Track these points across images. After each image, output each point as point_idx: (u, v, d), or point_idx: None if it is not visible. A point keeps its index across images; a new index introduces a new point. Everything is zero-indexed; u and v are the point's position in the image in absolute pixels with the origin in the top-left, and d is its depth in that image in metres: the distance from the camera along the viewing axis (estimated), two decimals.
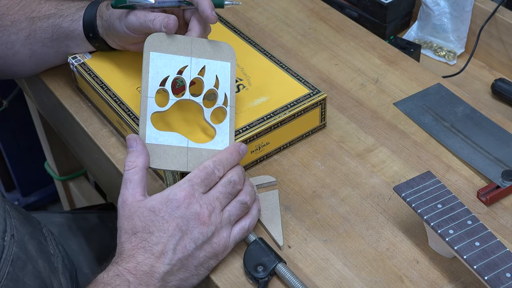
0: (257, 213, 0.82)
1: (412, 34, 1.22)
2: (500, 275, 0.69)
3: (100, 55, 1.00)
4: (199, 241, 0.76)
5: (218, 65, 0.87)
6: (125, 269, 0.74)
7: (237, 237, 0.80)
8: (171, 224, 0.75)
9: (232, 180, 0.79)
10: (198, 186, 0.77)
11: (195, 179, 0.78)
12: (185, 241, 0.75)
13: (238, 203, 0.80)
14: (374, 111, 0.98)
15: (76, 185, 1.62)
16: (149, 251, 0.75)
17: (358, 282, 0.77)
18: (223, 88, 0.86)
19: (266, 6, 1.19)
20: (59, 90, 1.04)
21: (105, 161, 0.96)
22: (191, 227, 0.76)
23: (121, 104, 0.92)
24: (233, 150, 0.82)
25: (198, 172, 0.78)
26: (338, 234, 0.83)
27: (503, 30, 1.12)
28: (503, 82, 1.10)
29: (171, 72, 0.85)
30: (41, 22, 0.98)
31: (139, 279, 0.74)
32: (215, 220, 0.77)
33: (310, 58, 1.08)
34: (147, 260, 0.74)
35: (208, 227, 0.76)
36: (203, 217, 0.76)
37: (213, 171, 0.79)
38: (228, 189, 0.79)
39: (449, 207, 0.76)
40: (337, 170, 0.90)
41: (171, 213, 0.75)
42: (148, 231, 0.75)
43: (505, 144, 0.91)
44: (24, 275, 0.94)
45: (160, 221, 0.75)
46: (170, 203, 0.76)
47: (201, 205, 0.77)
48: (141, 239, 0.75)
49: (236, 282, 0.78)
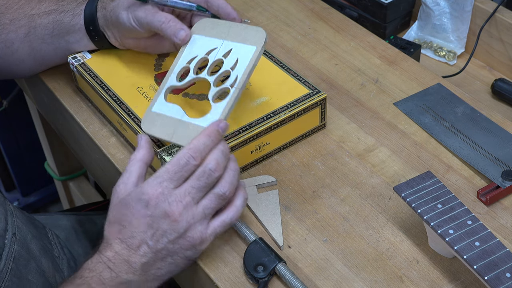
0: (241, 203, 0.79)
1: (412, 34, 1.22)
2: (500, 275, 0.69)
3: (100, 55, 1.00)
4: (172, 237, 0.76)
5: (243, 48, 0.86)
6: (105, 257, 0.76)
7: (217, 230, 0.78)
8: (142, 222, 0.76)
9: (207, 170, 0.76)
10: (167, 182, 0.76)
11: (165, 175, 0.76)
12: (157, 237, 0.76)
13: (214, 195, 0.77)
14: (374, 111, 0.98)
15: (76, 185, 1.62)
16: (124, 242, 0.76)
17: (358, 282, 0.77)
18: (238, 70, 0.85)
19: (266, 6, 1.19)
20: (59, 90, 1.04)
21: (105, 161, 0.96)
22: (162, 224, 0.76)
23: (121, 104, 0.92)
24: (211, 131, 0.78)
25: (170, 167, 0.77)
26: (338, 234, 0.83)
27: (503, 30, 1.12)
28: (503, 82, 1.10)
29: (200, 53, 0.88)
30: (41, 18, 0.98)
31: (119, 267, 0.76)
32: (186, 216, 0.76)
33: (310, 58, 1.08)
34: (123, 251, 0.76)
35: (179, 223, 0.76)
36: (173, 215, 0.75)
37: (187, 162, 0.76)
38: (201, 182, 0.76)
39: (449, 207, 0.76)
40: (337, 170, 0.90)
41: (140, 211, 0.76)
42: (121, 224, 0.77)
43: (505, 144, 0.91)
44: (27, 273, 0.95)
45: (131, 217, 0.76)
46: (139, 201, 0.76)
47: (170, 203, 0.75)
48: (116, 230, 0.77)
49: (236, 282, 0.78)
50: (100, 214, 1.27)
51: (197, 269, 0.81)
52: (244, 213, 0.85)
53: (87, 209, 1.38)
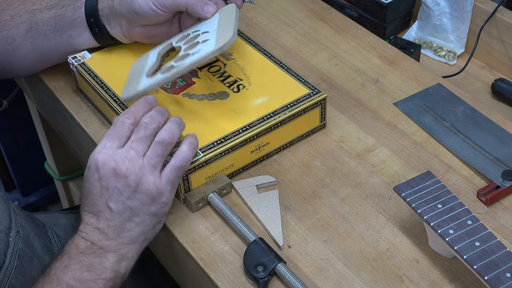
0: (188, 147, 0.81)
1: (412, 34, 1.22)
2: (500, 275, 0.69)
3: (100, 55, 1.00)
4: (127, 193, 0.78)
5: (208, 43, 0.87)
6: (79, 230, 0.80)
7: (170, 176, 0.80)
8: (96, 186, 0.79)
9: (142, 123, 0.81)
10: (110, 142, 0.80)
11: (105, 138, 0.80)
12: (114, 197, 0.78)
13: (155, 144, 0.80)
14: (374, 111, 0.98)
15: (76, 185, 1.62)
16: (90, 212, 0.80)
17: (358, 282, 0.77)
18: (191, 57, 0.87)
19: (266, 6, 1.19)
20: (59, 90, 1.04)
21: None
22: (114, 183, 0.78)
23: (121, 104, 0.92)
24: (141, 101, 0.84)
25: (108, 131, 0.81)
26: (338, 234, 0.83)
27: (503, 30, 1.12)
28: (503, 82, 1.10)
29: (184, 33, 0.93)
30: (43, 14, 0.97)
31: (92, 236, 0.79)
32: (134, 169, 0.78)
33: (310, 58, 1.08)
34: (91, 220, 0.79)
35: (129, 177, 0.78)
36: (120, 171, 0.78)
37: (122, 122, 0.81)
38: (139, 135, 0.80)
39: (449, 207, 0.76)
40: (337, 170, 0.90)
41: (93, 177, 0.79)
42: (84, 196, 0.81)
43: (505, 144, 0.91)
44: (31, 269, 0.95)
45: (89, 186, 0.80)
46: (90, 168, 0.80)
47: (116, 161, 0.78)
48: (83, 205, 0.81)
49: (236, 282, 0.78)
50: None
51: (197, 269, 0.81)
52: (244, 213, 0.85)
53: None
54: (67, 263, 0.77)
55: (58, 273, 0.77)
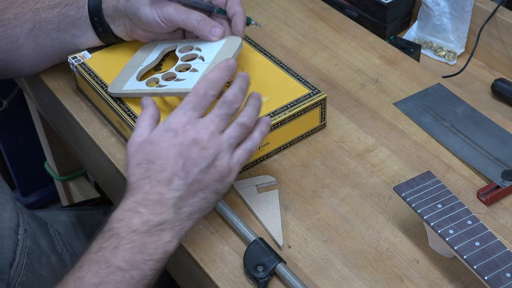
0: (259, 136, 0.80)
1: (412, 34, 1.22)
2: (500, 275, 0.69)
3: (100, 55, 1.00)
4: (202, 165, 0.75)
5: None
6: (134, 202, 0.74)
7: (241, 158, 0.78)
8: (171, 152, 0.75)
9: (226, 101, 0.78)
10: (191, 112, 0.77)
11: (187, 105, 0.77)
12: (188, 167, 0.75)
13: (236, 125, 0.78)
14: (374, 111, 0.98)
15: (76, 185, 1.62)
16: (154, 180, 0.75)
17: (358, 282, 0.77)
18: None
19: (266, 6, 1.19)
20: (59, 90, 1.04)
21: (105, 161, 0.96)
22: (192, 152, 0.75)
23: (121, 104, 0.92)
24: (223, 66, 0.80)
25: (190, 98, 0.78)
26: (338, 234, 0.83)
27: (503, 30, 1.12)
28: (503, 82, 1.10)
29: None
30: (46, 13, 0.97)
31: (151, 209, 0.74)
32: (214, 143, 0.76)
33: (310, 58, 1.08)
34: (154, 189, 0.74)
35: (208, 150, 0.76)
36: (201, 142, 0.75)
37: (205, 93, 0.78)
38: (223, 111, 0.78)
39: (449, 207, 0.76)
40: (337, 170, 0.90)
41: (169, 142, 0.75)
42: (149, 161, 0.75)
43: (505, 144, 0.91)
44: (40, 267, 0.95)
45: (160, 150, 0.75)
46: (167, 133, 0.76)
47: (198, 131, 0.76)
48: (144, 169, 0.75)
49: (236, 282, 0.78)
50: (99, 209, 1.26)
51: (197, 269, 0.81)
52: (244, 213, 0.85)
53: (86, 205, 1.38)
54: (117, 243, 0.73)
55: (107, 254, 0.72)
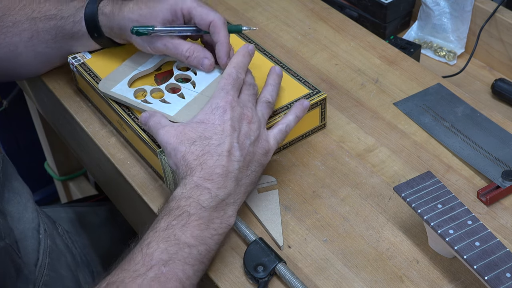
0: (294, 119, 0.86)
1: (412, 34, 1.22)
2: (500, 275, 0.69)
3: (100, 55, 1.00)
4: (252, 138, 0.81)
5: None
6: (200, 178, 0.77)
7: (277, 137, 0.84)
8: (225, 126, 0.79)
9: (251, 83, 0.85)
10: (232, 91, 0.82)
11: (227, 86, 0.82)
12: (241, 139, 0.80)
13: (264, 103, 0.85)
14: (374, 111, 0.98)
15: (76, 185, 1.62)
16: (215, 154, 0.78)
17: (358, 282, 0.77)
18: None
19: (266, 6, 1.19)
20: (59, 90, 1.04)
21: (105, 161, 0.96)
22: (241, 125, 0.80)
23: (121, 104, 0.92)
24: (244, 52, 0.87)
25: (226, 81, 0.83)
26: (338, 234, 0.83)
27: (503, 30, 1.12)
28: (503, 82, 1.10)
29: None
30: (43, 23, 0.97)
31: (217, 183, 0.77)
32: (256, 118, 0.82)
33: (310, 58, 1.08)
34: (218, 162, 0.78)
35: (254, 124, 0.81)
36: (248, 116, 0.81)
37: (237, 76, 0.84)
38: (251, 91, 0.84)
39: (449, 207, 0.76)
40: (337, 170, 0.90)
41: (221, 118, 0.80)
42: (205, 137, 0.79)
43: (505, 144, 0.91)
44: (60, 266, 0.96)
45: (213, 127, 0.80)
46: (216, 110, 0.80)
47: (242, 107, 0.82)
48: (202, 146, 0.79)
49: (236, 282, 0.78)
50: (102, 205, 1.26)
51: None
52: (244, 213, 0.85)
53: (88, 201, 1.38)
54: (186, 221, 0.75)
55: (177, 231, 0.74)
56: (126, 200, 0.99)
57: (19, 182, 0.98)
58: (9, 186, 0.95)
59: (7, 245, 0.84)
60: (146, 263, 0.71)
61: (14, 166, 1.00)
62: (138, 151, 0.93)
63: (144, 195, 0.88)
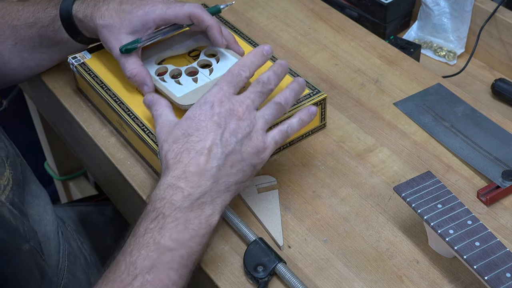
0: (297, 122, 0.82)
1: (412, 34, 1.22)
2: (500, 275, 0.69)
3: (100, 55, 1.00)
4: (239, 135, 0.77)
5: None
6: (173, 177, 0.75)
7: (276, 137, 0.80)
8: (209, 123, 0.77)
9: (261, 80, 0.80)
10: (227, 87, 0.79)
11: (222, 82, 0.79)
12: (226, 135, 0.76)
13: (272, 103, 0.81)
14: (374, 111, 0.98)
15: (76, 185, 1.62)
16: (193, 151, 0.76)
17: (358, 282, 0.77)
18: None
19: (266, 6, 1.19)
20: (59, 90, 1.04)
21: (105, 161, 0.96)
22: (228, 122, 0.77)
23: (121, 104, 0.92)
24: (257, 52, 0.83)
25: (224, 76, 0.80)
26: (338, 234, 0.83)
27: (503, 30, 1.12)
28: (503, 82, 1.10)
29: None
30: (24, 31, 0.97)
31: (191, 182, 0.74)
32: (249, 116, 0.78)
33: (310, 58, 1.08)
34: (194, 160, 0.75)
35: (244, 121, 0.77)
36: (238, 112, 0.77)
37: (238, 73, 0.80)
38: (258, 88, 0.80)
39: (449, 207, 0.76)
40: (337, 170, 0.90)
41: (206, 114, 0.77)
42: (187, 134, 0.77)
43: (505, 144, 0.91)
44: (76, 269, 0.96)
45: (197, 122, 0.77)
46: (203, 105, 0.78)
47: (234, 103, 0.78)
48: (182, 143, 0.77)
49: (236, 282, 0.78)
50: (108, 205, 1.26)
51: (197, 269, 0.81)
52: (244, 213, 0.85)
53: (92, 201, 1.38)
54: (162, 223, 0.73)
55: (155, 235, 0.72)
56: (126, 200, 0.99)
57: (36, 185, 0.98)
58: (28, 190, 0.95)
59: (31, 248, 0.83)
60: (130, 272, 0.70)
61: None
62: (138, 151, 0.93)
63: (144, 195, 0.88)
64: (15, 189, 0.86)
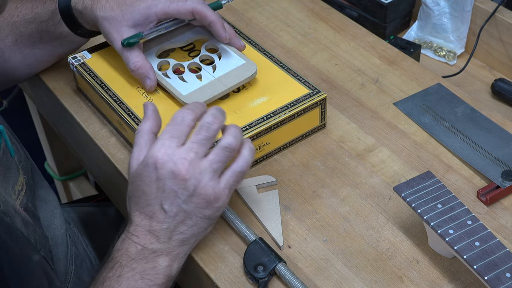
0: (249, 153, 0.79)
1: (412, 34, 1.22)
2: (500, 275, 0.69)
3: (100, 55, 1.00)
4: (184, 196, 0.75)
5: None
6: (129, 232, 0.77)
7: (230, 181, 0.77)
8: (152, 187, 0.75)
9: (204, 123, 0.77)
10: (169, 141, 0.76)
11: (165, 134, 0.76)
12: (170, 199, 0.75)
13: (219, 149, 0.77)
14: (374, 111, 0.98)
15: (76, 185, 1.62)
16: (143, 213, 0.77)
17: (358, 282, 0.77)
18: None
19: (266, 6, 1.19)
20: (59, 90, 1.04)
21: (105, 161, 0.96)
22: (170, 185, 0.75)
23: (121, 104, 0.92)
24: (194, 104, 0.80)
25: (167, 127, 0.77)
26: (338, 234, 0.83)
27: (503, 30, 1.12)
28: (503, 82, 1.10)
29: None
30: (24, 27, 0.96)
31: (143, 239, 0.76)
32: (193, 172, 0.75)
33: (310, 58, 1.08)
34: (143, 222, 0.76)
35: (188, 181, 0.75)
36: (180, 174, 0.74)
37: (182, 118, 0.77)
38: (201, 136, 0.76)
39: (449, 207, 0.76)
40: (337, 170, 0.90)
41: (149, 176, 0.75)
42: (137, 195, 0.77)
43: (505, 144, 0.91)
44: (82, 272, 0.96)
45: (143, 185, 0.76)
46: (148, 166, 0.76)
47: (175, 162, 0.75)
48: (134, 203, 0.77)
49: (236, 282, 0.78)
50: (110, 205, 1.26)
51: (197, 269, 0.81)
52: (244, 213, 0.85)
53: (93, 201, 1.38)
54: (120, 272, 0.75)
55: (113, 284, 0.74)
56: (126, 201, 0.98)
57: (45, 189, 0.98)
58: (37, 194, 0.95)
59: (41, 258, 0.84)
60: None
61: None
62: None
63: None
64: (29, 194, 0.86)
